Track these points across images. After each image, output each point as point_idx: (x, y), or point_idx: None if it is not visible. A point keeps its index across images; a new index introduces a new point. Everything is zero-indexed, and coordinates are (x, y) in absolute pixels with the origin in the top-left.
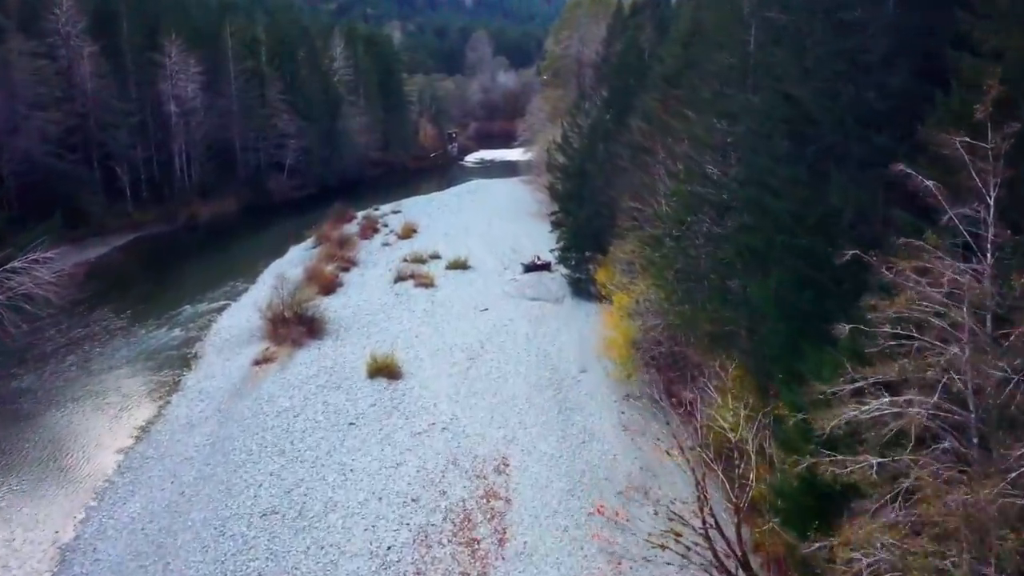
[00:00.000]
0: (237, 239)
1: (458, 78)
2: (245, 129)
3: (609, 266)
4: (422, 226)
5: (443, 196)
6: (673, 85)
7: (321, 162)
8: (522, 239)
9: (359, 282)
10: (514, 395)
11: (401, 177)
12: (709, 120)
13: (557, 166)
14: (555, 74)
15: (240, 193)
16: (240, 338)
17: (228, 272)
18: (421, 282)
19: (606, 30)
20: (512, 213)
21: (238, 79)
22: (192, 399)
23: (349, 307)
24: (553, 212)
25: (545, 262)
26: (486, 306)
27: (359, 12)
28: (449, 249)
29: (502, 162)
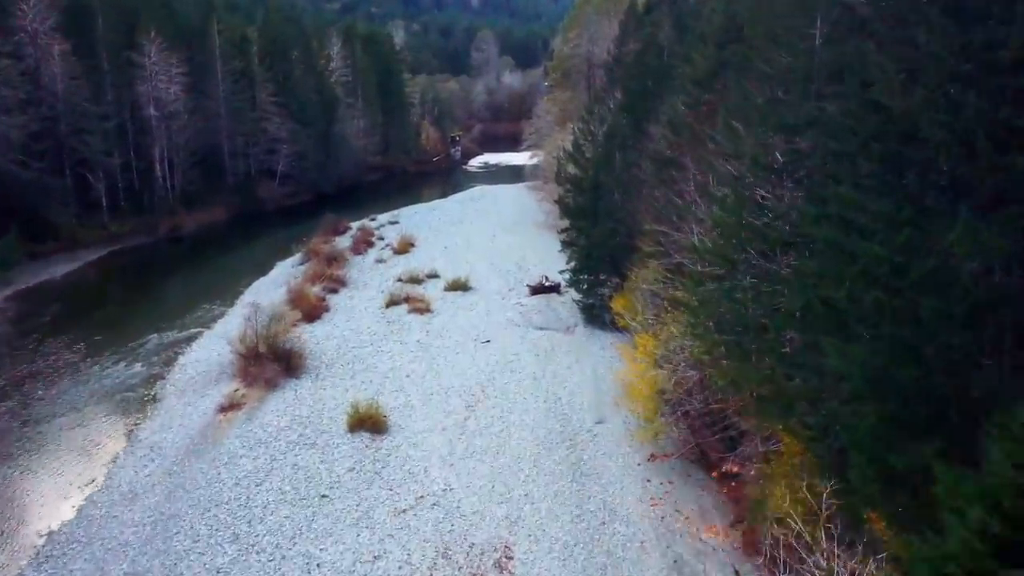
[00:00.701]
0: (222, 252)
1: (462, 79)
2: (234, 133)
3: (628, 295)
4: (420, 239)
5: (445, 204)
6: (705, 89)
7: (316, 168)
8: (528, 254)
9: (347, 306)
10: (519, 455)
11: (401, 182)
12: (762, 134)
13: (567, 177)
14: (564, 75)
15: (228, 201)
16: (208, 376)
17: (206, 292)
18: (416, 307)
19: (619, 28)
20: (517, 224)
21: (226, 80)
22: (141, 457)
23: (334, 337)
24: (563, 229)
25: (553, 284)
26: (488, 337)
27: (363, 11)
28: (448, 266)
29: (507, 166)
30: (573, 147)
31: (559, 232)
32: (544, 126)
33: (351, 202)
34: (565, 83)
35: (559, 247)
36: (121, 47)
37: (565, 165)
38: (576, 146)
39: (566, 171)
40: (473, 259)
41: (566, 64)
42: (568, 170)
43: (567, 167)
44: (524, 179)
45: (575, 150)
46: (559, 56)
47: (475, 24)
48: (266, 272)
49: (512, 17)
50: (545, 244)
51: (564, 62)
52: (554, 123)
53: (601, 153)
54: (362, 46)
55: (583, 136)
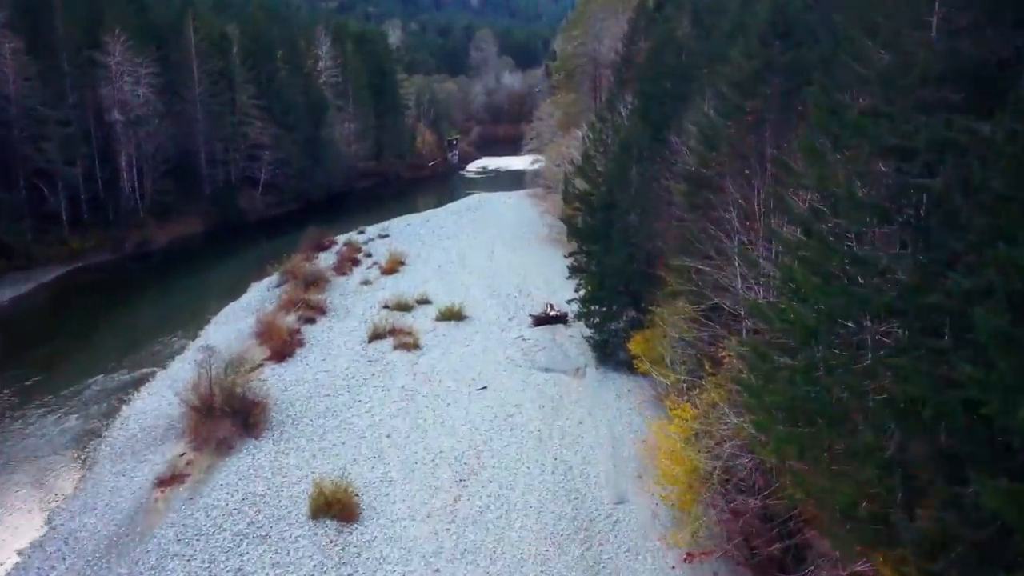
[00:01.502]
0: (194, 269)
1: (460, 79)
2: (212, 139)
3: (650, 337)
4: (411, 256)
5: (440, 215)
6: (746, 93)
7: (302, 175)
8: (530, 275)
9: (325, 340)
10: (522, 556)
11: (395, 189)
12: (862, 156)
13: (576, 194)
14: (567, 76)
15: (205, 212)
16: (152, 434)
17: (169, 320)
18: (402, 342)
19: (627, 25)
20: (518, 239)
21: (203, 82)
22: (51, 555)
23: (305, 381)
24: (571, 253)
25: (560, 313)
26: (484, 383)
27: (361, 10)
28: (441, 290)
29: (507, 171)
30: (582, 159)
31: (566, 256)
32: (546, 130)
33: (340, 211)
34: (569, 85)
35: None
36: (83, 45)
37: (572, 179)
38: (586, 158)
39: (573, 186)
40: (469, 281)
41: (570, 64)
42: (576, 185)
43: (574, 181)
44: (525, 186)
45: (584, 162)
46: (562, 56)
47: (474, 23)
48: (239, 295)
49: (512, 17)
50: (549, 263)
51: (567, 62)
52: (557, 127)
53: (614, 167)
54: (353, 45)
55: (593, 146)
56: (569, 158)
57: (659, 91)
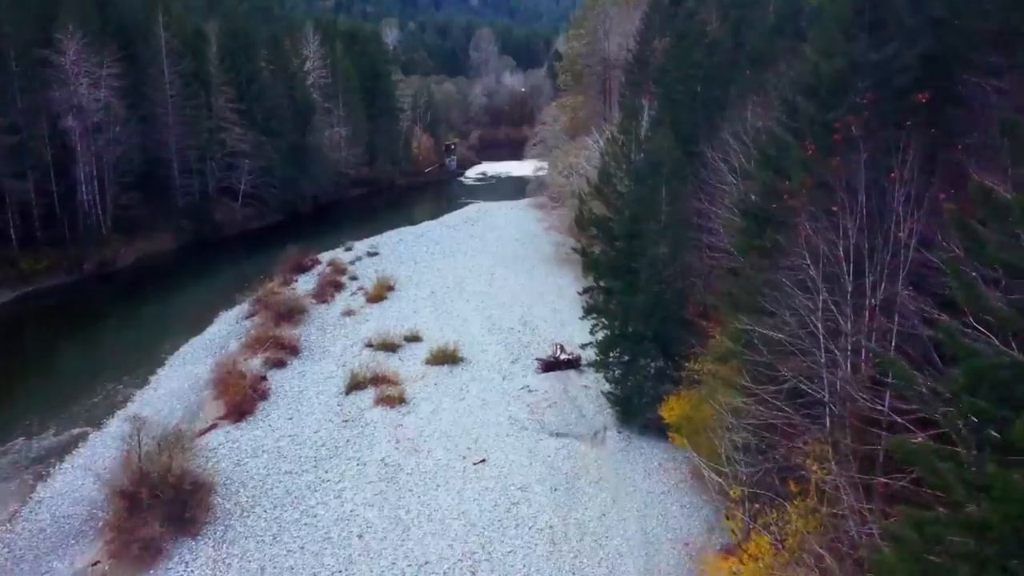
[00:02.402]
0: (162, 292)
1: (460, 80)
2: (184, 146)
3: (690, 405)
4: (402, 279)
5: (435, 229)
6: (827, 104)
7: (286, 184)
8: (535, 303)
9: (294, 391)
10: None
11: (389, 198)
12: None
13: (592, 219)
14: (574, 77)
15: (178, 227)
16: (66, 526)
17: (118, 361)
18: (385, 395)
19: (640, 21)
20: (521, 257)
21: (175, 84)
22: None
23: (264, 451)
24: (586, 288)
25: (572, 357)
26: (483, 453)
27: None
28: (434, 323)
29: (508, 178)
30: (599, 178)
31: (581, 292)
32: (550, 136)
33: (328, 224)
34: (576, 87)
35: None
36: (33, 43)
37: (588, 201)
38: (604, 177)
39: (589, 210)
40: (466, 311)
41: (577, 65)
42: (592, 209)
43: (590, 204)
44: (527, 194)
45: (602, 182)
46: (569, 56)
47: (474, 23)
48: (205, 326)
49: (512, 16)
50: (556, 288)
51: (575, 63)
52: (563, 132)
53: (640, 188)
54: (344, 44)
55: (614, 162)
56: (579, 168)
57: (687, 96)
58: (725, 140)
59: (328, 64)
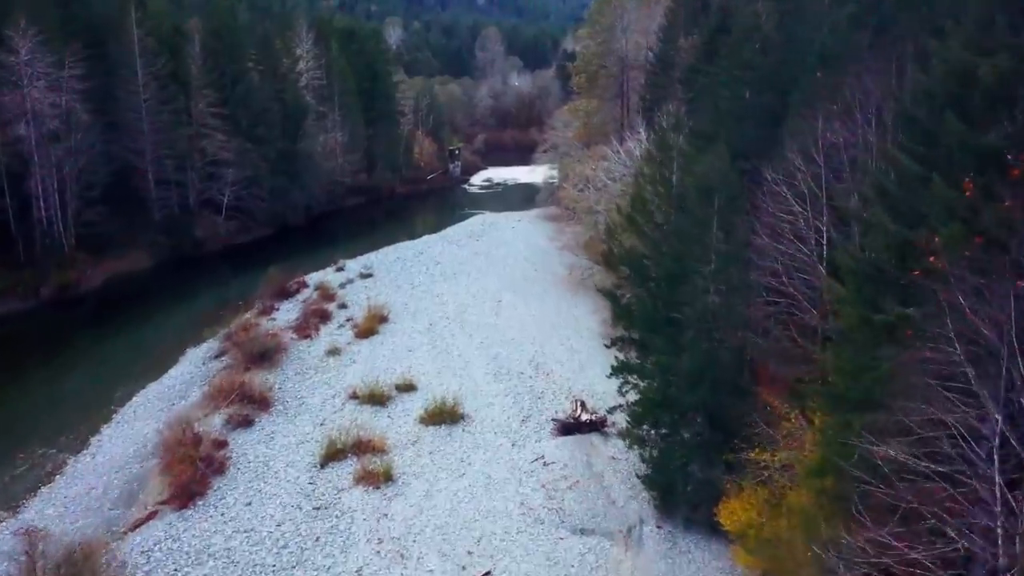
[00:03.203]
0: (129, 320)
1: (465, 81)
2: (160, 155)
3: (760, 508)
4: (397, 308)
5: (436, 244)
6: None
7: (275, 195)
8: (549, 340)
9: (258, 463)
10: None
11: (388, 207)
12: None
13: (623, 255)
14: (589, 79)
15: (154, 244)
16: None
17: (59, 411)
18: (368, 471)
19: (664, 17)
20: (531, 280)
21: (149, 87)
22: None
23: (210, 555)
24: (614, 340)
25: (595, 418)
26: (487, 563)
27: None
28: (431, 365)
29: (515, 185)
30: (632, 205)
31: (608, 344)
32: (562, 142)
33: (321, 237)
34: (591, 89)
35: (593, 327)
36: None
37: (617, 233)
38: (638, 204)
39: (620, 245)
40: (468, 350)
41: (592, 65)
42: (623, 243)
43: (620, 237)
44: (536, 204)
45: (635, 209)
46: (583, 55)
47: (480, 22)
48: (167, 368)
49: (519, 15)
50: (571, 319)
51: (590, 63)
52: (575, 139)
53: (686, 220)
54: (340, 43)
55: (651, 186)
56: (596, 181)
57: (735, 103)
58: (788, 158)
59: (323, 64)
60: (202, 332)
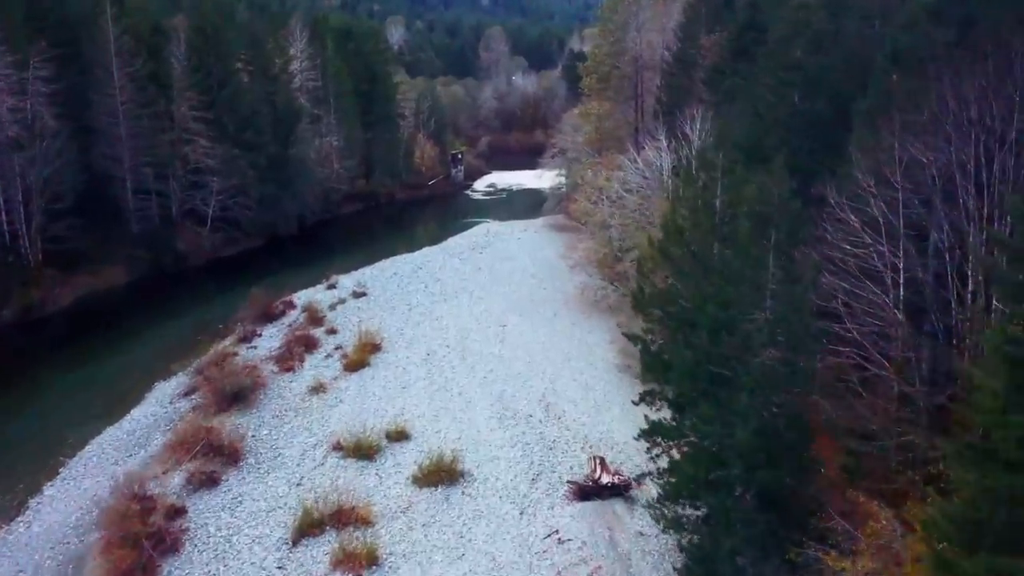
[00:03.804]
0: (94, 347)
1: (468, 82)
2: (138, 163)
3: None
4: (392, 334)
5: (437, 257)
6: None
7: (265, 204)
8: (561, 374)
9: (220, 537)
10: None
11: (388, 214)
12: None
13: (656, 297)
14: (600, 81)
15: (131, 258)
16: None
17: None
18: (348, 553)
19: (683, 13)
20: (539, 300)
21: (126, 89)
22: None
23: None
24: (644, 395)
25: (618, 480)
26: None
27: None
28: (428, 405)
29: (520, 191)
30: (666, 233)
31: (635, 402)
32: (572, 147)
33: (315, 248)
34: (603, 91)
35: (607, 355)
36: None
37: (647, 270)
38: (673, 233)
39: (651, 283)
40: (471, 387)
41: (604, 66)
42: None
43: (651, 273)
44: (543, 212)
45: (670, 239)
46: (595, 56)
47: (484, 22)
48: (130, 407)
49: (524, 15)
50: (585, 349)
51: (602, 63)
52: (586, 145)
53: (736, 257)
54: (336, 42)
55: (690, 213)
56: (610, 193)
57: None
58: (857, 178)
59: (318, 65)
60: (175, 362)
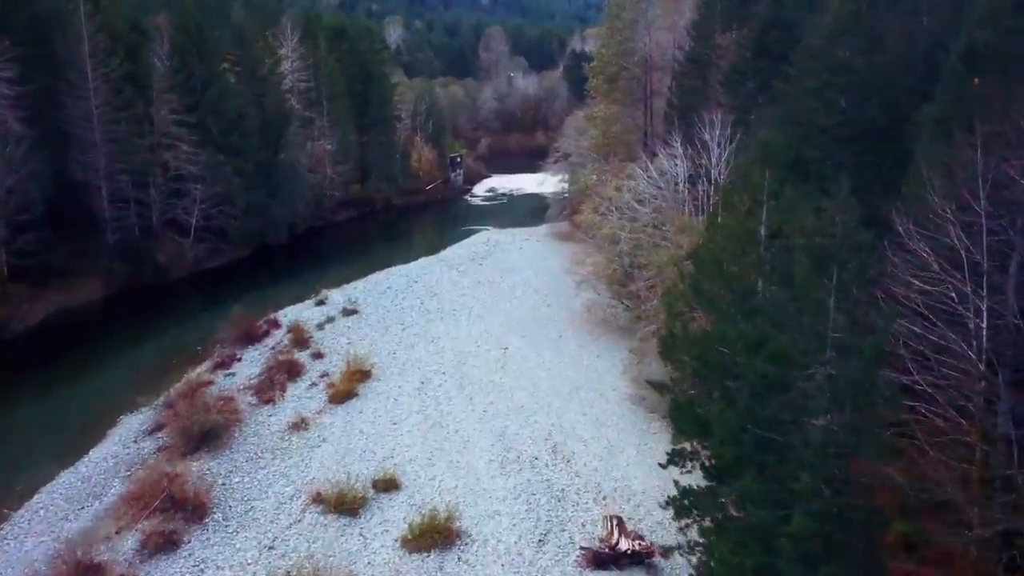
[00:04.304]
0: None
1: (468, 82)
2: (114, 170)
3: None
4: (383, 359)
5: (434, 269)
6: None
7: (252, 212)
8: (568, 407)
9: None
10: None
11: (384, 221)
12: None
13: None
14: (608, 82)
15: (108, 271)
16: None
17: None
18: None
19: (696, 10)
20: (544, 321)
21: (101, 91)
22: None
23: None
24: (672, 456)
25: (640, 546)
26: None
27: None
28: (421, 445)
29: (521, 196)
30: (699, 263)
31: (662, 464)
32: (576, 152)
33: (305, 258)
34: (611, 94)
35: (620, 384)
36: None
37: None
38: (709, 268)
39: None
40: (469, 423)
41: (612, 66)
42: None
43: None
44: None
45: (704, 269)
46: (602, 56)
47: (484, 21)
48: (89, 446)
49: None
50: (595, 377)
51: (609, 63)
52: (592, 150)
53: (785, 298)
54: (329, 42)
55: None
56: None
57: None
58: (926, 200)
59: (310, 65)
60: (146, 390)
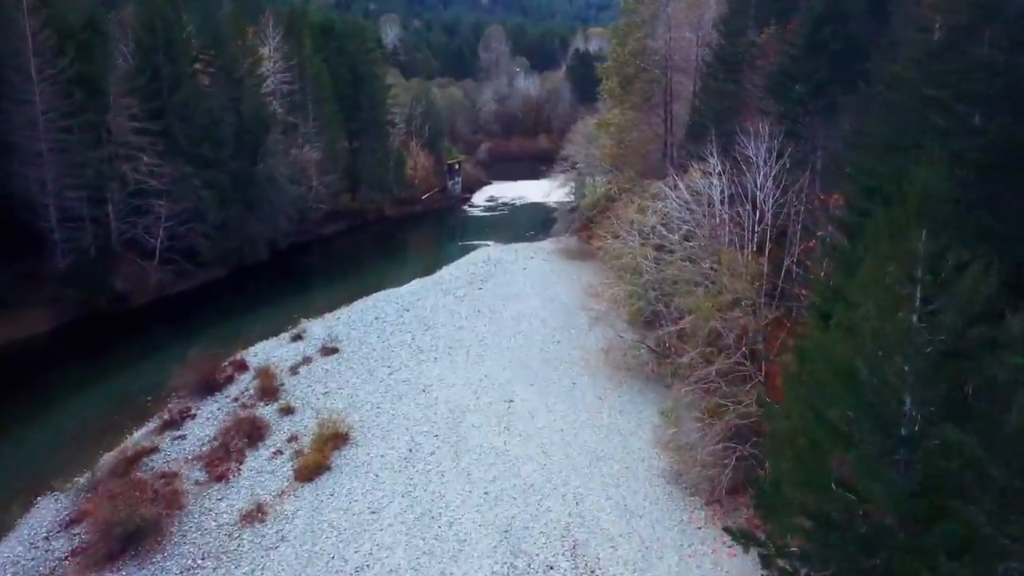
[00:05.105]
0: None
1: (467, 83)
2: (63, 185)
3: None
4: (365, 413)
5: (429, 295)
6: None
7: (228, 229)
8: (589, 483)
9: None
10: None
11: (375, 235)
12: None
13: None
14: (623, 84)
15: (57, 299)
16: None
17: None
18: None
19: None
20: (554, 362)
21: (47, 95)
22: None
23: None
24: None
25: None
26: None
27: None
28: (404, 552)
29: (524, 205)
30: (819, 377)
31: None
32: (584, 159)
33: (287, 278)
34: (626, 98)
35: (650, 449)
36: None
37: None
38: (839, 374)
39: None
40: (465, 514)
41: (629, 67)
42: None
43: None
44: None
45: (827, 385)
46: (617, 55)
47: (483, 21)
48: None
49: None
50: (619, 441)
51: (626, 64)
52: (604, 160)
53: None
54: (316, 41)
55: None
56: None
57: (964, 143)
58: None
59: (294, 66)
60: (74, 460)
